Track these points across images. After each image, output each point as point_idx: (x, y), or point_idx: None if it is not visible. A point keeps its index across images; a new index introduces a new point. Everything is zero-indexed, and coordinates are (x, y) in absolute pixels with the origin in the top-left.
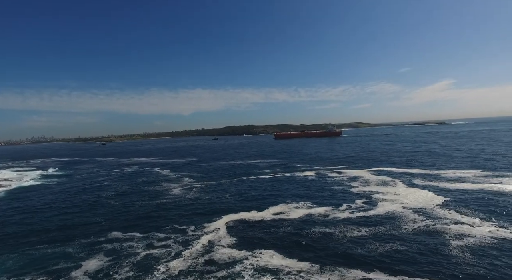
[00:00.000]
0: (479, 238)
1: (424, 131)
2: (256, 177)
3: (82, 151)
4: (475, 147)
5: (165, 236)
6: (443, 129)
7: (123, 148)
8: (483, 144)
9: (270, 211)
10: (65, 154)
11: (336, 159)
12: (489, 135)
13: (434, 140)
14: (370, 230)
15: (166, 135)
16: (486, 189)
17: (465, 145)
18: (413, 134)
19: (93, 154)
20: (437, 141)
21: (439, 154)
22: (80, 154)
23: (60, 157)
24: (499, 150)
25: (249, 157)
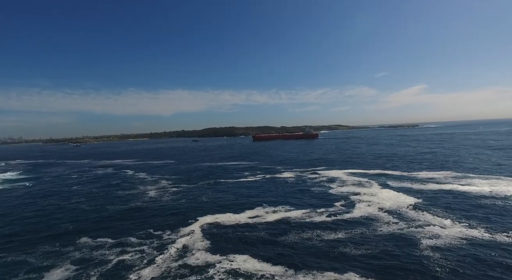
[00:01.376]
0: (449, 239)
1: (397, 133)
2: (235, 179)
3: (53, 153)
4: (445, 149)
5: (139, 241)
6: (415, 132)
7: (98, 149)
8: (452, 146)
9: (246, 214)
10: (34, 156)
11: (314, 161)
12: (458, 137)
13: (407, 142)
14: (346, 233)
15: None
16: (455, 190)
17: (436, 147)
18: (387, 136)
19: (65, 156)
20: (410, 144)
21: (412, 156)
22: (51, 156)
23: (28, 159)
24: (467, 152)
25: (228, 159)
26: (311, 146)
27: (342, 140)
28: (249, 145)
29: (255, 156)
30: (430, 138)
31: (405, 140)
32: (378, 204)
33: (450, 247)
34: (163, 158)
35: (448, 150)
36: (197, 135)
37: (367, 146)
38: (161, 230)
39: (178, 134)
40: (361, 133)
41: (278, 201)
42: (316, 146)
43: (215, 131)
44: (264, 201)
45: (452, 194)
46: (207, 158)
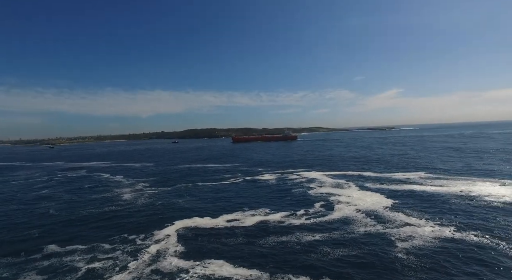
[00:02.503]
0: (423, 239)
1: (374, 136)
2: (214, 182)
3: (22, 155)
4: (418, 152)
5: (111, 247)
6: (391, 134)
7: (71, 151)
8: (424, 148)
9: (225, 218)
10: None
11: (293, 162)
12: (430, 140)
13: (383, 145)
14: (324, 235)
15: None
16: (428, 190)
17: (411, 150)
18: (364, 138)
19: (35, 158)
20: (386, 146)
21: (387, 157)
22: (20, 159)
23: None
24: (438, 155)
25: (207, 161)
26: (290, 148)
27: (321, 142)
28: (229, 147)
29: (235, 158)
30: (404, 141)
31: (381, 142)
32: (356, 205)
33: (424, 246)
34: (141, 160)
35: (420, 153)
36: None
37: (345, 148)
38: (135, 234)
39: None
40: (340, 135)
41: (258, 204)
42: (295, 148)
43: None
44: (244, 204)
45: (425, 194)
46: (187, 160)
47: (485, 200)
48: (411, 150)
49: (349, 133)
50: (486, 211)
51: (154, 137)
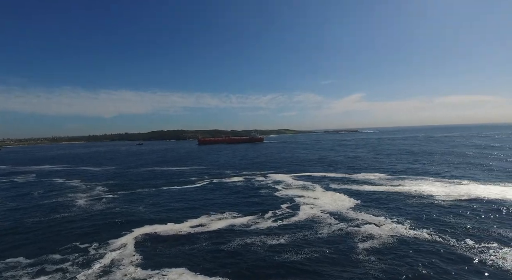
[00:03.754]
0: (383, 237)
1: (339, 138)
2: (179, 185)
3: None
4: (379, 153)
5: (61, 258)
6: (355, 137)
7: (20, 154)
8: (384, 150)
9: (189, 223)
10: None
11: (260, 164)
12: (389, 142)
13: (346, 147)
14: (289, 238)
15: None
16: (388, 191)
17: (372, 151)
18: (329, 140)
19: None
20: (350, 148)
21: (351, 159)
22: None
23: None
24: (397, 156)
25: (173, 163)
26: (257, 150)
27: (288, 144)
28: (195, 149)
29: (201, 160)
30: (366, 143)
31: (345, 144)
32: (321, 206)
33: (383, 245)
34: (101, 163)
35: (379, 155)
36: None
37: (310, 150)
38: (88, 243)
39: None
40: (306, 137)
41: (225, 207)
42: (262, 150)
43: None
44: (211, 208)
45: (384, 194)
46: (151, 163)
47: (436, 198)
48: (371, 152)
49: (315, 135)
50: (437, 209)
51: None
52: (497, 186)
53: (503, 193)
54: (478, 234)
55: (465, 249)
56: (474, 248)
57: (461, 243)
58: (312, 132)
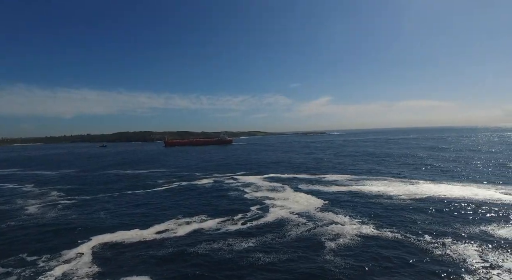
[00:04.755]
0: (348, 236)
1: (307, 140)
2: (145, 188)
3: None
4: (345, 155)
5: (5, 271)
6: (322, 138)
7: None
8: (349, 151)
9: (155, 229)
10: None
11: (230, 166)
12: (354, 144)
13: (313, 149)
14: (258, 240)
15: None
16: (353, 191)
17: (338, 153)
18: (297, 142)
19: None
20: (317, 150)
21: (319, 160)
22: None
23: None
24: (360, 157)
25: (139, 166)
26: (226, 151)
27: (257, 146)
28: (161, 151)
29: (168, 163)
30: (333, 145)
31: (313, 146)
32: (290, 207)
33: (349, 243)
34: (59, 166)
35: (346, 157)
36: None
37: (280, 151)
38: (37, 255)
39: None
40: (275, 139)
41: (194, 210)
42: (231, 151)
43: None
44: (179, 212)
45: (351, 195)
46: (115, 165)
47: (396, 198)
48: (337, 153)
49: (284, 137)
50: (397, 208)
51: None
52: (449, 185)
53: (454, 192)
54: (435, 230)
55: (424, 245)
56: (432, 243)
57: (420, 239)
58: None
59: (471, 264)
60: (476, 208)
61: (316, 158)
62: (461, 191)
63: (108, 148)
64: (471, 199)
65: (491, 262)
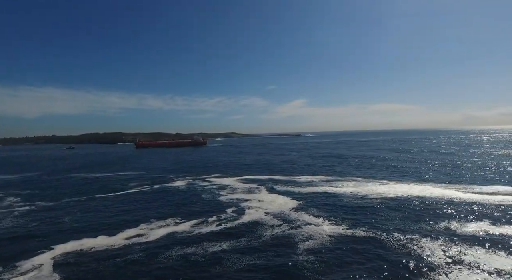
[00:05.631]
0: (322, 237)
1: (283, 142)
2: (116, 192)
3: None
4: (320, 156)
5: None
6: (298, 140)
7: None
8: (324, 152)
9: (125, 234)
10: None
11: (204, 168)
12: (328, 146)
13: (288, 151)
14: (232, 243)
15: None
16: (327, 192)
17: (313, 154)
18: (273, 144)
19: None
20: (293, 151)
21: (294, 161)
22: None
23: None
24: (336, 158)
25: (109, 168)
26: (200, 153)
27: (233, 148)
28: (132, 153)
29: (139, 165)
30: (308, 146)
31: (288, 148)
32: (265, 209)
33: (322, 244)
34: (19, 169)
35: (320, 158)
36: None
37: (256, 153)
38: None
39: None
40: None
41: (166, 213)
42: (205, 153)
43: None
44: (151, 216)
45: (325, 195)
46: (82, 168)
47: (369, 198)
48: (312, 154)
49: (260, 139)
50: (369, 207)
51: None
52: (415, 185)
53: (419, 191)
54: (403, 228)
55: (393, 242)
56: (401, 240)
57: (390, 236)
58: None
59: (436, 259)
60: (440, 206)
61: (291, 159)
62: (426, 190)
63: (76, 150)
64: (435, 198)
65: (453, 256)
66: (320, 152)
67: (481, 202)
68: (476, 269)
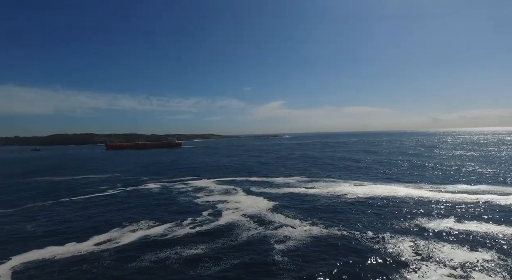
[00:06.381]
0: (297, 239)
1: (260, 143)
2: (85, 195)
3: None
4: (296, 157)
5: None
6: (275, 141)
7: None
8: (300, 153)
9: (94, 240)
10: None
11: (180, 170)
12: (305, 147)
13: (266, 153)
14: (207, 246)
15: None
16: (303, 193)
17: (291, 155)
18: (250, 145)
19: None
20: (272, 153)
21: (271, 162)
22: None
23: None
24: (311, 159)
25: (78, 171)
26: (175, 155)
27: (210, 149)
28: (102, 155)
29: (111, 167)
30: (285, 147)
31: (265, 150)
32: (242, 210)
33: (298, 245)
34: None
35: (295, 160)
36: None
37: (233, 154)
38: None
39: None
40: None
41: (139, 217)
42: (180, 155)
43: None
44: (123, 219)
45: (301, 196)
46: (49, 171)
47: (344, 198)
48: (289, 155)
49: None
50: (344, 208)
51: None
52: (387, 185)
53: (390, 191)
54: (376, 226)
55: (366, 240)
56: (373, 239)
57: (364, 235)
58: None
59: (406, 256)
60: (409, 205)
61: (268, 161)
62: (396, 190)
63: (41, 151)
64: (404, 197)
65: (422, 253)
66: (296, 153)
67: (447, 200)
68: (442, 264)
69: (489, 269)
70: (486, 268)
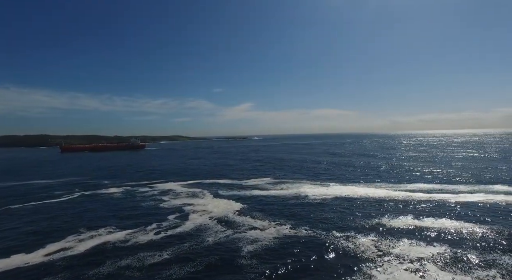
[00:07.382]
0: (267, 240)
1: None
2: (38, 201)
3: None
4: (264, 159)
5: None
6: (244, 143)
7: None
8: (269, 155)
9: (46, 250)
10: None
11: (143, 173)
12: (273, 149)
13: (235, 155)
14: (173, 252)
15: None
16: (272, 194)
17: (259, 157)
18: (219, 147)
19: None
20: (238, 153)
21: (240, 165)
22: None
23: None
24: (280, 161)
25: (30, 175)
26: (138, 157)
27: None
28: (57, 158)
29: (66, 170)
30: (253, 149)
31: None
32: (209, 213)
33: (267, 246)
34: None
35: (263, 162)
36: None
37: (201, 157)
38: None
39: None
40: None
41: (99, 222)
42: (143, 157)
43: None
44: (80, 225)
45: (269, 198)
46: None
47: (309, 199)
48: (258, 157)
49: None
50: (311, 208)
51: None
52: (352, 186)
53: (356, 191)
54: (341, 226)
55: (332, 239)
56: (338, 238)
57: (329, 235)
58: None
59: (369, 253)
60: (371, 204)
61: (236, 163)
62: (359, 190)
63: None
64: (367, 197)
65: (383, 250)
66: (264, 155)
67: (403, 199)
68: (402, 259)
69: (443, 261)
70: (440, 261)
